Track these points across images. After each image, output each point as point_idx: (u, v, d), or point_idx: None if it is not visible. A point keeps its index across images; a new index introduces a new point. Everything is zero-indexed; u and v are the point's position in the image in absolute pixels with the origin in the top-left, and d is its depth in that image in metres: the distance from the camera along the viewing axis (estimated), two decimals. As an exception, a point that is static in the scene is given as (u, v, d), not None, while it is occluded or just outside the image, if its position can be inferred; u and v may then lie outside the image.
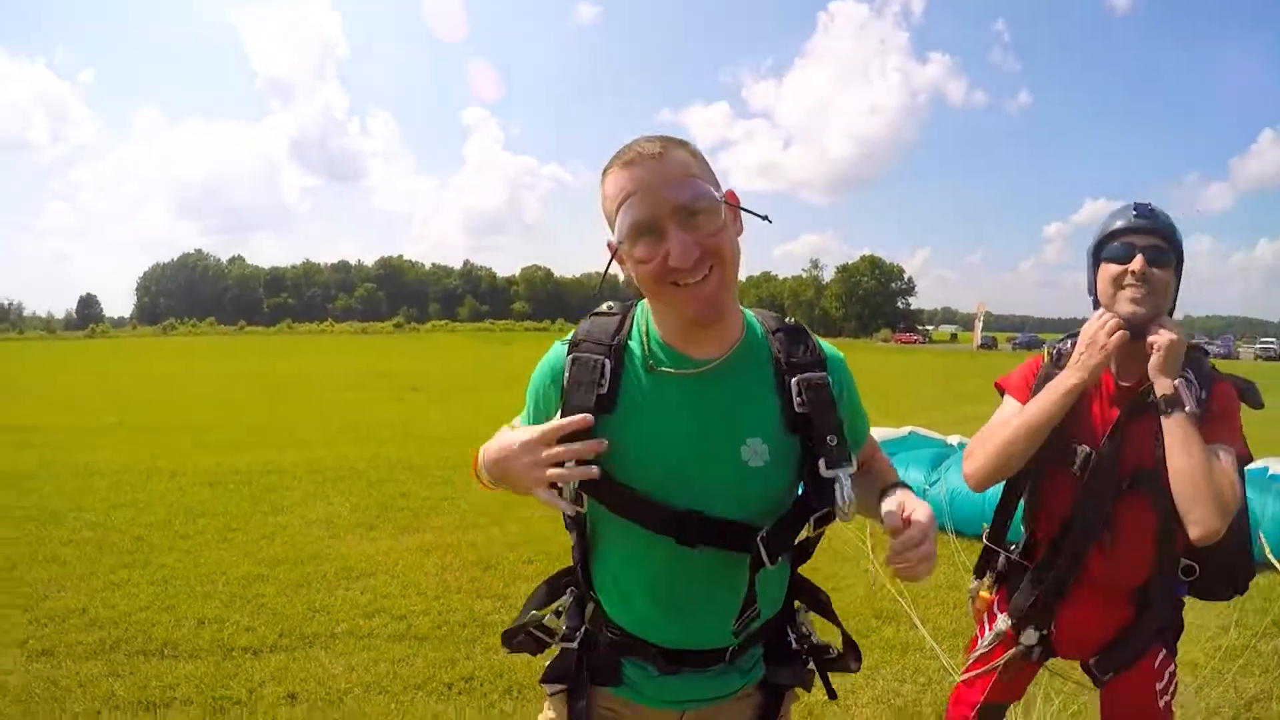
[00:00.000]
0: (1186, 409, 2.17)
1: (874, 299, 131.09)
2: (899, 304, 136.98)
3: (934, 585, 5.77)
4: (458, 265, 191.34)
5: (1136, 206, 2.36)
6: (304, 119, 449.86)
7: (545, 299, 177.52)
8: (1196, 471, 2.12)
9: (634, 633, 1.65)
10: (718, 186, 1.49)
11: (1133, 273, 2.29)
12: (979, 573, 2.68)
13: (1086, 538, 2.38)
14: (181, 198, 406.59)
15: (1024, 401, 2.47)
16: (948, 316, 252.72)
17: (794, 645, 1.77)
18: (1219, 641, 4.76)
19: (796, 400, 1.60)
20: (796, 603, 1.82)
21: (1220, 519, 2.11)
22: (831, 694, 1.84)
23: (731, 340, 1.62)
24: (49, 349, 60.76)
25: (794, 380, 1.61)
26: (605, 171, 1.53)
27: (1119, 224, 2.36)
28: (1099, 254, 2.41)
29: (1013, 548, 2.58)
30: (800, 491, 1.63)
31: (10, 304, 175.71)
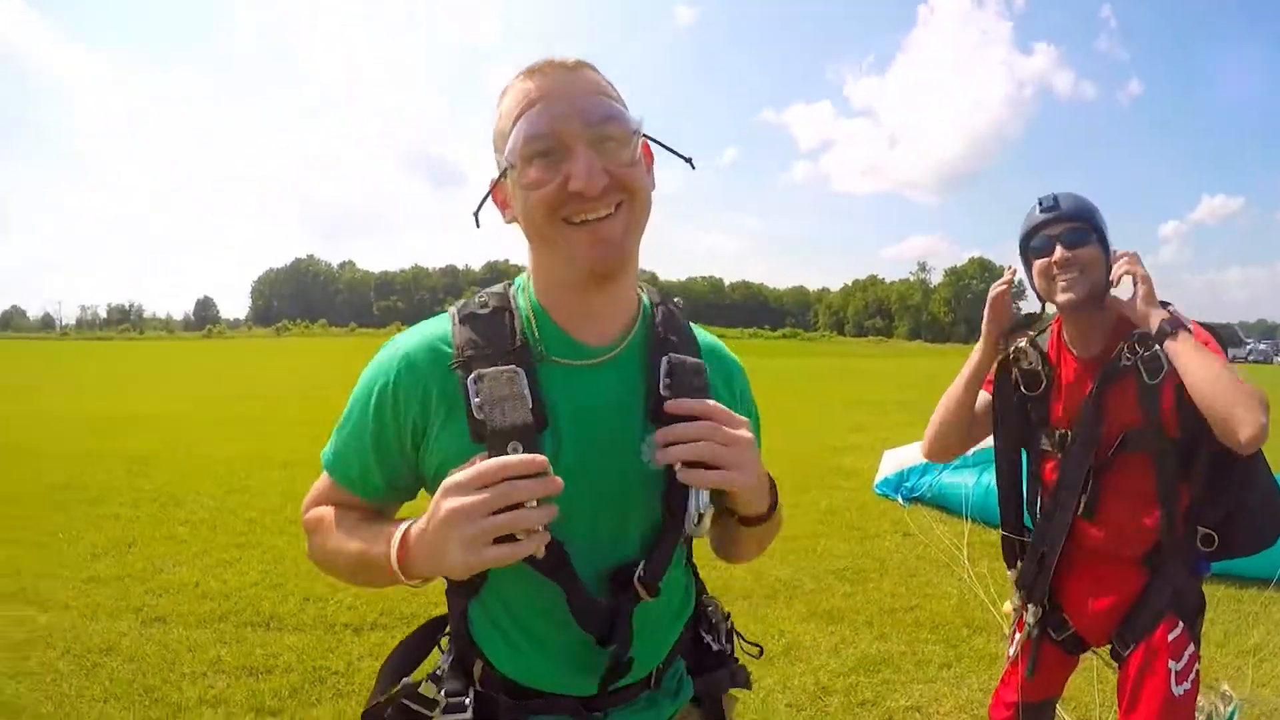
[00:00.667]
0: (1188, 326, 2.22)
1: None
2: (1013, 309, 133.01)
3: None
4: None
5: (1041, 200, 2.46)
6: (411, 124, 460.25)
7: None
8: (1223, 375, 2.13)
9: (536, 686, 1.35)
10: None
11: (1056, 263, 2.38)
12: (1009, 563, 2.69)
13: (1067, 505, 2.40)
14: (294, 204, 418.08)
15: (989, 391, 2.60)
16: None
17: (714, 646, 1.55)
18: None
19: (663, 382, 1.33)
20: (704, 596, 1.58)
21: (1263, 414, 2.11)
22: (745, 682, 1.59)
23: (629, 315, 1.38)
24: (168, 348, 63.10)
25: (664, 359, 1.35)
26: (506, 87, 1.29)
27: (1033, 221, 2.46)
28: (1026, 254, 2.51)
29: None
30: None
31: (130, 306, 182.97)
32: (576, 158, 1.18)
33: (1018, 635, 2.65)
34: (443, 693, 1.34)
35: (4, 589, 5.30)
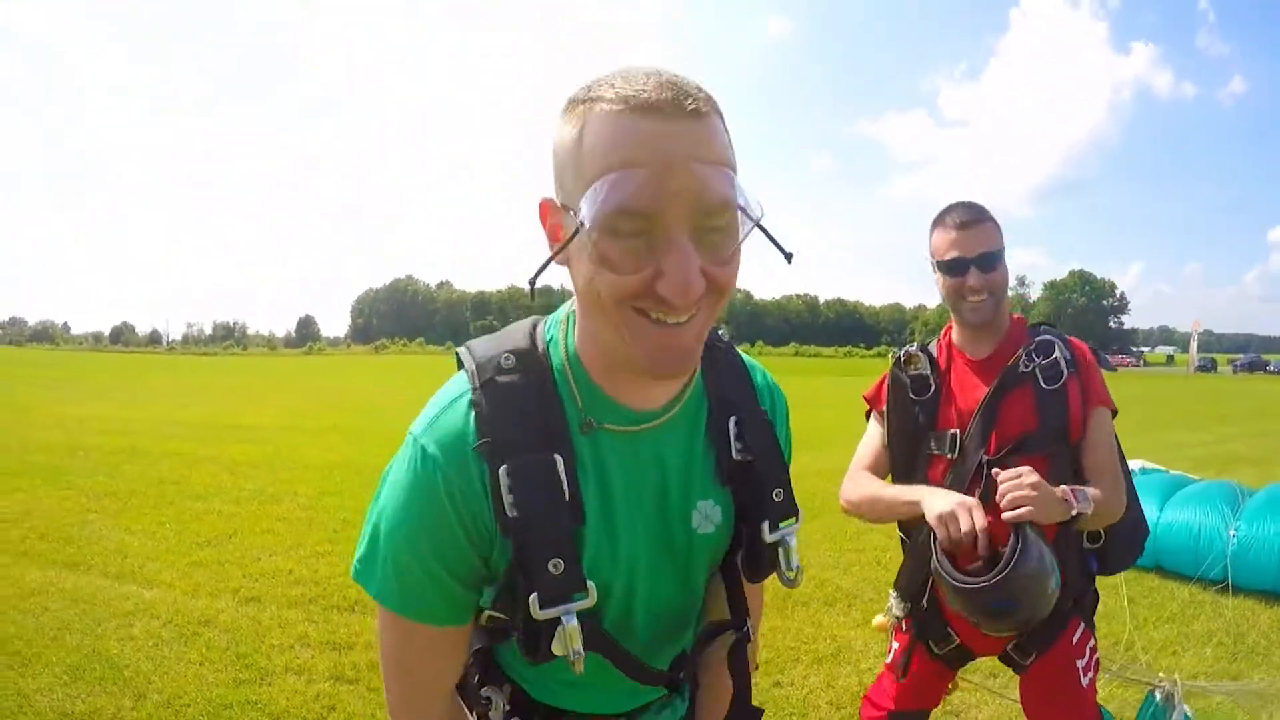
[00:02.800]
0: (1086, 508, 2.19)
1: (1085, 318, 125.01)
2: (1111, 323, 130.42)
3: (1098, 614, 5.74)
4: None
5: (954, 215, 2.49)
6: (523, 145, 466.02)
7: (745, 320, 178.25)
8: (1111, 500, 2.30)
9: (574, 709, 1.31)
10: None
11: (971, 287, 2.42)
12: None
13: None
14: (394, 225, 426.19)
15: (880, 410, 2.59)
16: (1165, 336, 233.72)
17: None
18: None
19: (735, 445, 1.23)
20: None
21: (1123, 504, 2.34)
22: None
23: (680, 383, 1.20)
24: (270, 363, 64.88)
25: (733, 420, 1.24)
26: (595, 98, 0.96)
27: (949, 238, 2.47)
28: (938, 266, 2.52)
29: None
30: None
31: (235, 324, 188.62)
32: (673, 253, 0.92)
33: (894, 645, 2.67)
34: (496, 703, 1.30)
35: (115, 569, 5.82)
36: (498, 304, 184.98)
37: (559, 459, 1.06)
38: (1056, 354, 2.37)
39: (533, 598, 1.04)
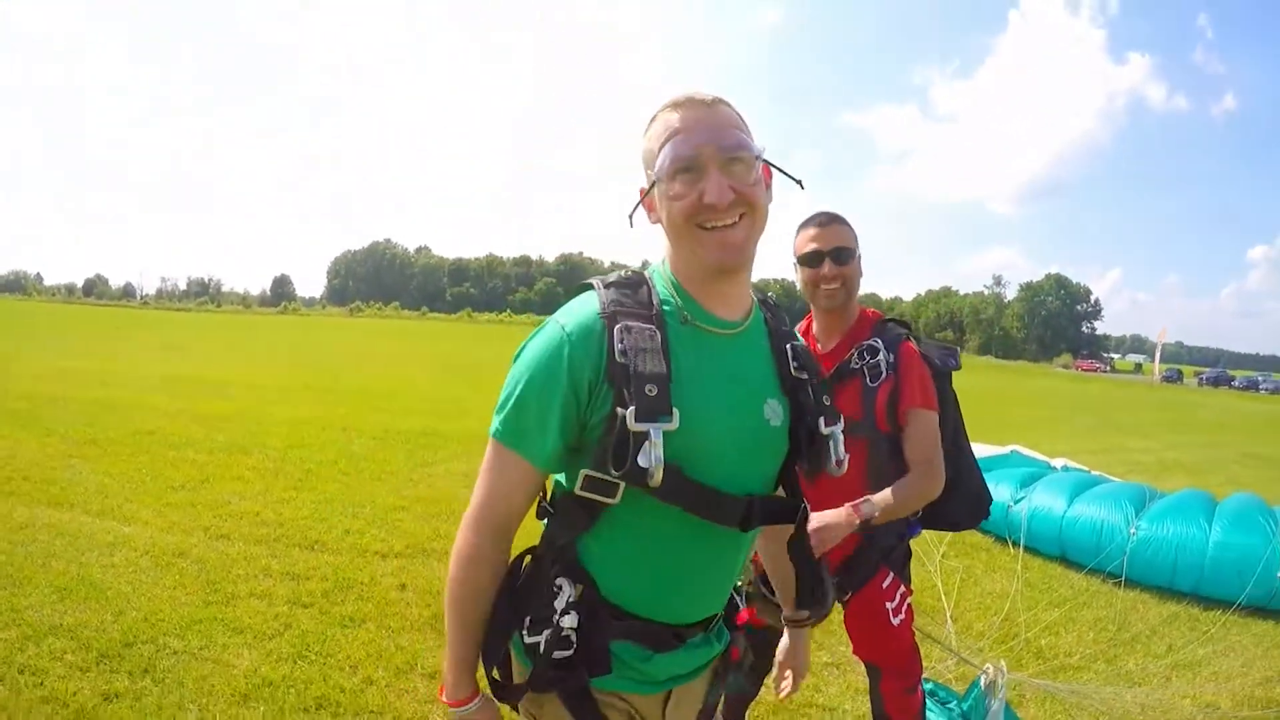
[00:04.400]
0: (874, 513, 2.60)
1: (1057, 321, 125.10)
2: (1084, 328, 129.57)
3: (984, 592, 6.27)
4: (635, 263, 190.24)
5: (816, 216, 2.90)
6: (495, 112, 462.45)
7: None
8: (908, 498, 2.69)
9: (636, 612, 1.55)
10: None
11: (824, 277, 2.84)
12: None
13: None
14: (375, 187, 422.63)
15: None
16: (1137, 344, 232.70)
17: (740, 605, 1.81)
18: (1262, 692, 5.08)
19: (793, 364, 1.65)
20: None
21: (938, 480, 2.74)
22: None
23: (748, 303, 1.63)
24: (244, 321, 64.78)
25: (789, 345, 1.67)
26: (654, 116, 1.56)
27: (809, 235, 2.87)
28: (800, 259, 2.92)
29: None
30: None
31: (210, 280, 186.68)
32: (710, 177, 1.44)
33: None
34: (576, 619, 1.50)
35: (96, 507, 6.35)
36: (475, 271, 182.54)
37: (658, 332, 1.46)
38: (880, 357, 2.78)
39: (629, 411, 1.37)
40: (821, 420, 1.64)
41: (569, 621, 1.50)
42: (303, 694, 3.63)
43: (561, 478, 1.57)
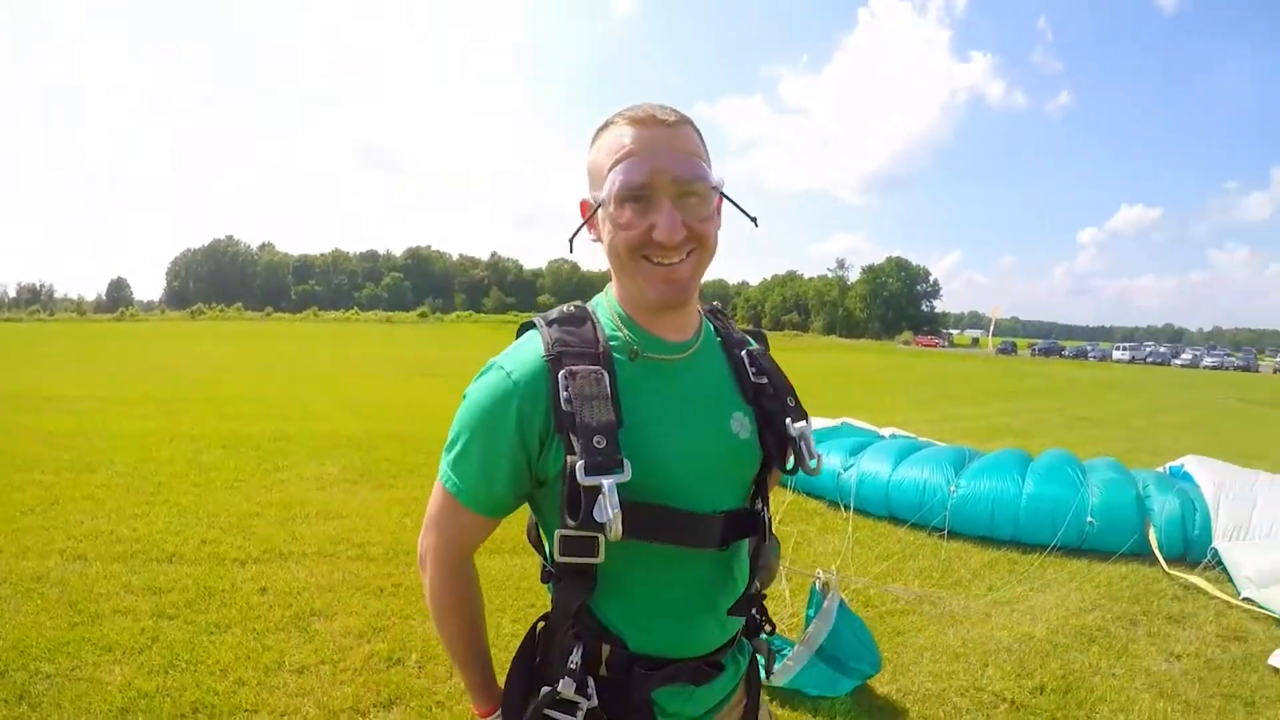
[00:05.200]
0: None
1: (898, 301, 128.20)
2: (924, 307, 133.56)
3: (817, 553, 6.83)
4: (485, 257, 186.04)
5: None
6: (338, 104, 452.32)
7: (571, 292, 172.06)
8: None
9: (667, 655, 1.51)
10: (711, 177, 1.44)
11: None
12: None
13: None
14: (215, 183, 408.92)
15: None
16: (975, 321, 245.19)
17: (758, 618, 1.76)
18: (1075, 621, 5.77)
19: (751, 371, 1.62)
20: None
21: None
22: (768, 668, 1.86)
23: (697, 320, 1.61)
24: (80, 330, 62.18)
25: (744, 352, 1.65)
26: (607, 123, 1.46)
27: None
28: None
29: None
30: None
31: (41, 286, 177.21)
32: (662, 211, 1.37)
33: None
34: (578, 688, 1.44)
35: (-56, 536, 6.27)
36: (321, 268, 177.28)
37: (605, 374, 1.40)
38: None
39: (578, 465, 1.32)
40: (788, 421, 1.60)
41: (566, 687, 1.44)
42: (178, 701, 3.84)
43: (551, 543, 1.49)
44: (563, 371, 1.39)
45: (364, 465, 9.63)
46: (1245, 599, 6.27)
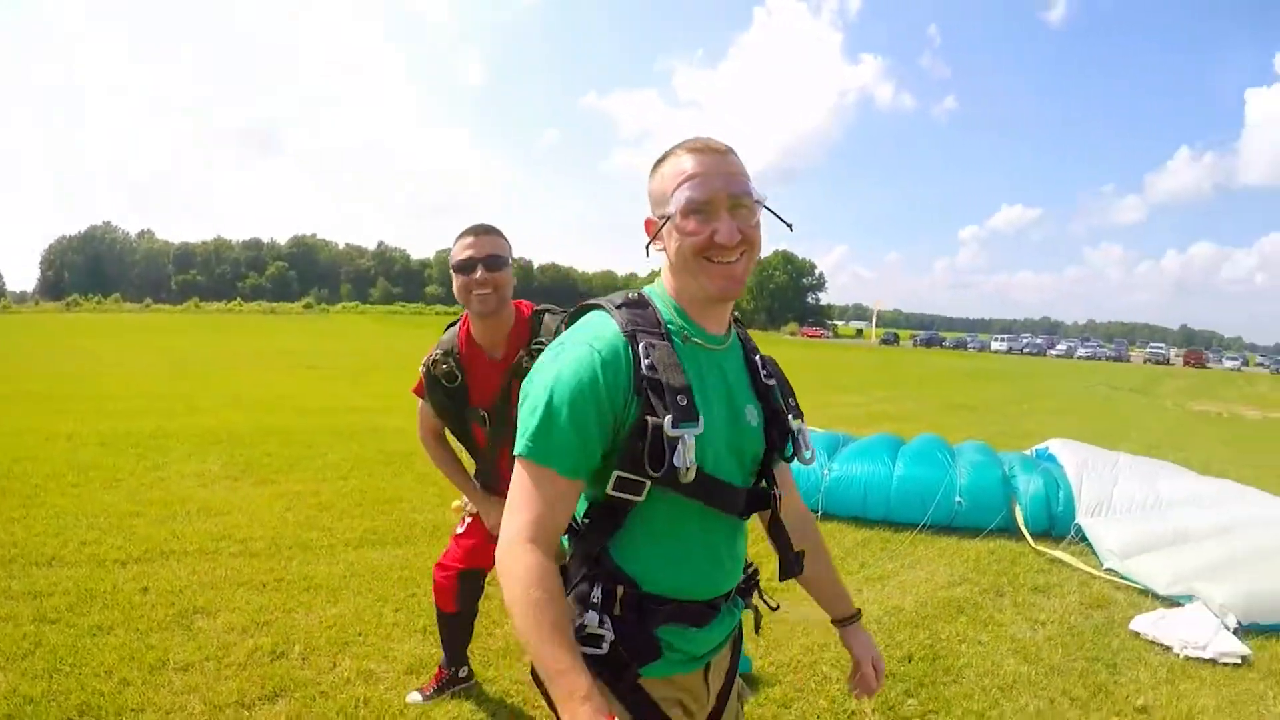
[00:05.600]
0: None
1: (784, 293, 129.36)
2: (809, 299, 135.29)
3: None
4: (372, 246, 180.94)
5: (472, 228, 3.18)
6: (223, 83, 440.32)
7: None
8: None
9: (675, 596, 1.72)
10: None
11: (477, 281, 3.10)
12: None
13: (494, 457, 3.42)
14: (90, 166, 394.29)
15: (423, 395, 3.48)
16: (859, 313, 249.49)
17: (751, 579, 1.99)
18: (944, 593, 6.11)
19: (763, 373, 1.88)
20: None
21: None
22: (770, 607, 2.06)
23: (730, 322, 1.85)
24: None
25: (757, 357, 1.91)
26: (669, 154, 1.72)
27: (464, 243, 3.15)
28: (454, 267, 3.16)
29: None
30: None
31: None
32: (721, 219, 1.63)
33: (468, 520, 3.68)
34: (600, 621, 1.64)
35: None
36: (203, 257, 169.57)
37: (670, 347, 1.65)
38: None
39: (667, 419, 1.56)
40: (791, 417, 1.88)
41: (591, 619, 1.63)
42: (64, 705, 3.85)
43: (586, 492, 1.71)
44: (643, 343, 1.62)
45: (246, 461, 9.59)
46: (1108, 570, 6.76)
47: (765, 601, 2.03)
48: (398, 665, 4.39)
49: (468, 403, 3.37)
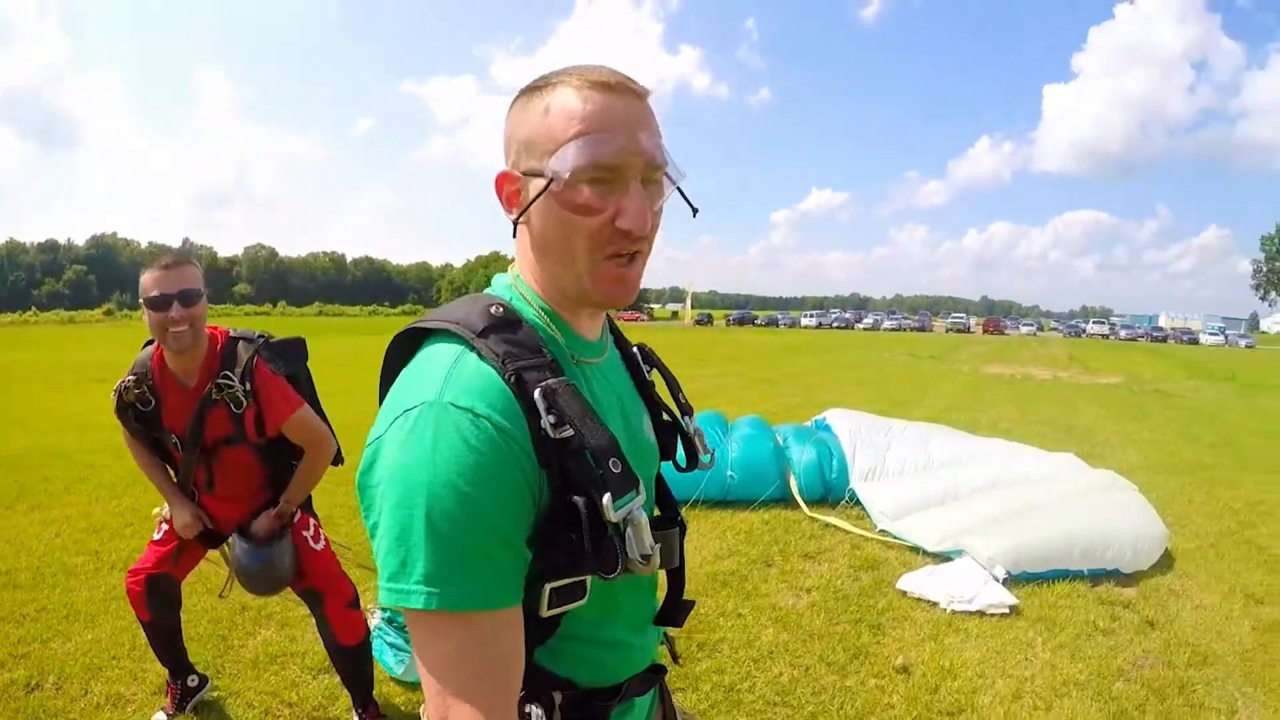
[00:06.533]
0: (291, 507, 3.47)
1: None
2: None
3: None
4: (177, 244, 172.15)
5: (161, 258, 3.12)
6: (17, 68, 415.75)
7: (269, 280, 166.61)
8: (304, 480, 3.46)
9: (617, 679, 1.38)
10: None
11: (173, 319, 3.06)
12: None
13: (188, 479, 3.45)
14: None
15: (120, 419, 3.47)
16: (676, 295, 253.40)
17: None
18: (709, 567, 6.33)
19: (645, 368, 1.54)
20: None
21: (330, 449, 3.46)
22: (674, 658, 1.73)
23: (602, 314, 1.41)
24: None
25: (634, 349, 1.55)
26: (553, 82, 1.20)
27: (155, 277, 3.08)
28: (147, 302, 3.08)
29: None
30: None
31: None
32: (630, 195, 1.16)
33: (164, 527, 3.64)
34: None
35: None
36: None
37: (573, 384, 1.17)
38: (237, 388, 3.22)
39: (606, 499, 1.10)
40: (685, 420, 1.55)
41: None
42: None
43: None
44: (538, 390, 1.12)
45: (20, 487, 9.16)
46: (881, 531, 7.23)
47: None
48: (147, 687, 4.38)
49: (160, 426, 3.37)
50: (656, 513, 1.53)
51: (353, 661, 3.68)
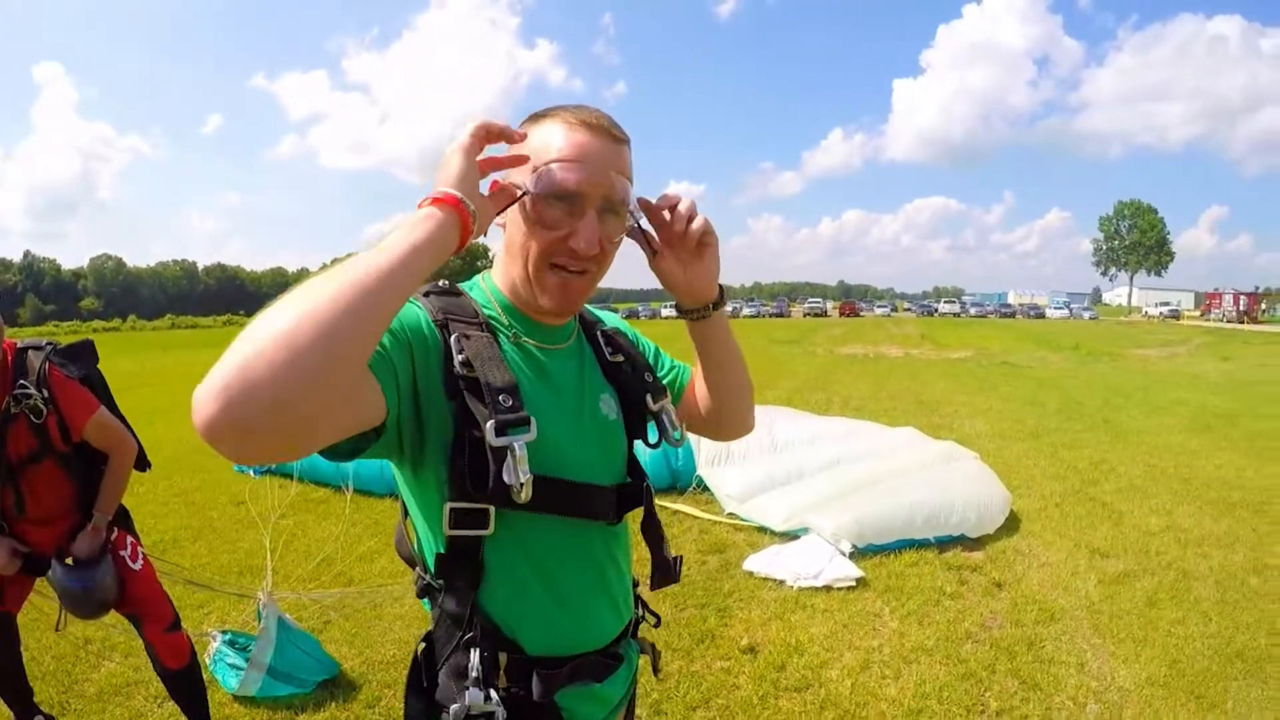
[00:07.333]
0: (106, 520, 3.27)
1: (458, 277, 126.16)
2: (480, 266, 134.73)
3: (311, 540, 6.90)
4: (17, 257, 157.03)
5: None
6: None
7: (118, 293, 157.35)
8: (122, 482, 3.31)
9: (566, 653, 1.47)
10: None
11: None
12: None
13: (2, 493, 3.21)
14: None
15: None
16: None
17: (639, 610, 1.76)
18: None
19: (607, 350, 1.65)
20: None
21: (131, 450, 3.32)
22: (656, 669, 1.82)
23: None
24: None
25: (598, 333, 1.67)
26: (554, 113, 1.42)
27: None
28: None
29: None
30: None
31: None
32: (586, 220, 1.36)
33: None
34: (486, 696, 1.35)
35: None
36: None
37: (494, 341, 1.39)
38: (35, 398, 3.08)
39: (489, 425, 1.26)
40: (649, 398, 1.64)
41: (475, 698, 1.34)
42: None
43: (430, 540, 1.41)
44: (454, 335, 1.35)
45: None
46: (729, 514, 7.22)
47: (650, 612, 1.80)
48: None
49: None
50: (627, 481, 1.60)
51: (182, 683, 3.58)
